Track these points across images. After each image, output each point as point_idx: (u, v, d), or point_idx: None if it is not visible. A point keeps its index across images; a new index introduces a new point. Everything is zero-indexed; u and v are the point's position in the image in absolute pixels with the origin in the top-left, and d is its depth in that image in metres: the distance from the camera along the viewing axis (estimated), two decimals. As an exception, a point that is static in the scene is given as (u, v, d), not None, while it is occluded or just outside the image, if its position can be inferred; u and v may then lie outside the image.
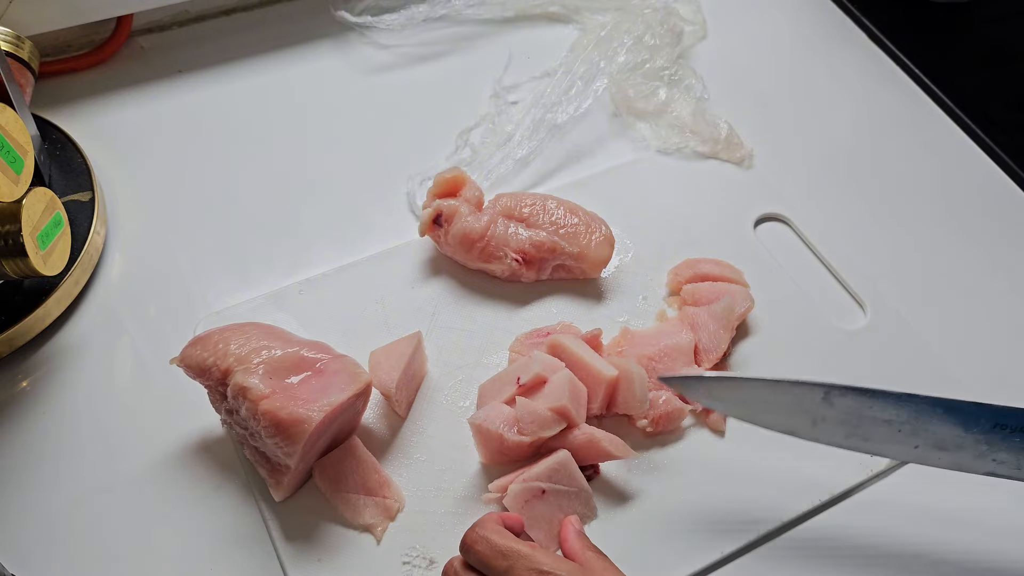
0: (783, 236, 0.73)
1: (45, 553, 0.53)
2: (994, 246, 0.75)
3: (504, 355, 0.62)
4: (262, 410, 0.50)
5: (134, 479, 0.56)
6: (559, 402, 0.54)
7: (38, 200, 0.56)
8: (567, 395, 0.54)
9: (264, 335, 0.54)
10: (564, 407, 0.54)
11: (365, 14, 0.82)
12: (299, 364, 0.53)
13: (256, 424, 0.51)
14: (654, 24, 0.81)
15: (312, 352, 0.54)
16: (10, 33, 0.66)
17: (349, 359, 0.55)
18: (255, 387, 0.50)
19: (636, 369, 0.57)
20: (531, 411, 0.54)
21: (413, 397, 0.60)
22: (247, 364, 0.52)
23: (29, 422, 0.57)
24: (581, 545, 0.50)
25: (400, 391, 0.57)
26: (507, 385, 0.57)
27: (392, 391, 0.55)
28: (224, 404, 0.53)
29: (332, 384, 0.52)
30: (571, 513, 0.54)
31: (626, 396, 0.57)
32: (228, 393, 0.52)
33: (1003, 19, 0.95)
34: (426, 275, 0.66)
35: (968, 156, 0.81)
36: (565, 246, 0.64)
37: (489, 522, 0.48)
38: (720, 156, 0.77)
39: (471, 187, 0.66)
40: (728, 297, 0.63)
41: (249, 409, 0.50)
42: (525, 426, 0.54)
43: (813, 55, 0.89)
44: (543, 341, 0.60)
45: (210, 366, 0.52)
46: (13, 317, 0.58)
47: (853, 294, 0.69)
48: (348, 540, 0.53)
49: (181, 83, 0.78)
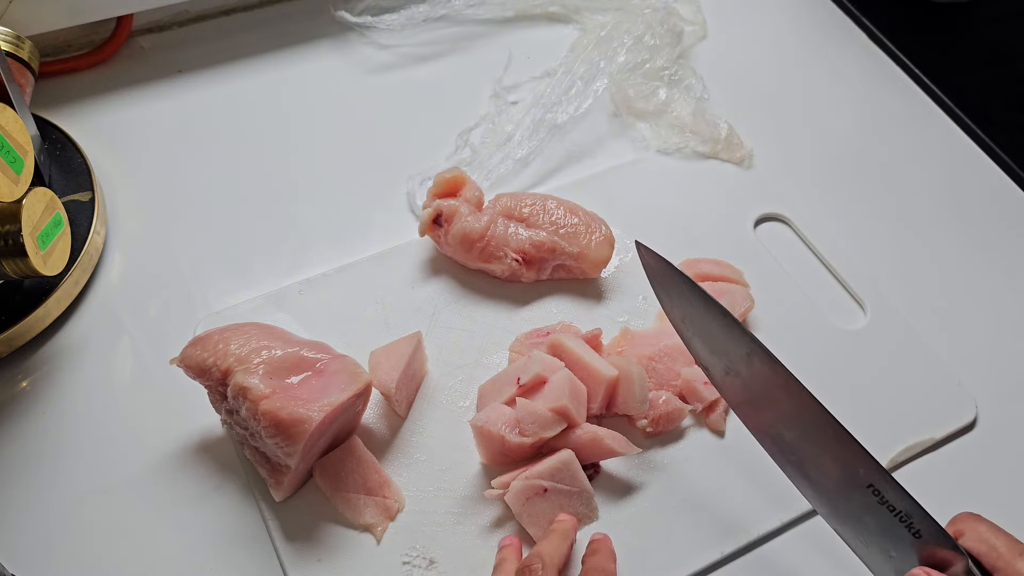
0: (783, 236, 0.73)
1: (45, 553, 0.53)
2: (994, 246, 0.75)
3: (504, 355, 0.62)
4: (262, 410, 0.50)
5: (134, 479, 0.56)
6: (559, 402, 0.54)
7: (38, 200, 0.56)
8: (567, 395, 0.54)
9: (264, 335, 0.54)
10: (564, 407, 0.54)
11: (365, 14, 0.82)
12: (299, 364, 0.53)
13: (256, 424, 0.51)
14: (654, 24, 0.81)
15: (312, 352, 0.54)
16: (10, 33, 0.66)
17: (349, 359, 0.55)
18: (255, 387, 0.50)
19: (636, 369, 0.57)
20: (532, 412, 0.54)
21: (413, 397, 0.60)
22: (247, 364, 0.52)
23: (29, 422, 0.57)
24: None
25: (400, 391, 0.57)
26: (507, 385, 0.57)
27: (392, 391, 0.55)
28: (224, 404, 0.53)
29: (332, 384, 0.52)
30: (572, 512, 0.54)
31: (626, 396, 0.57)
32: (228, 393, 0.52)
33: (1003, 19, 0.95)
34: (426, 275, 0.66)
35: (968, 156, 0.81)
36: (565, 246, 0.64)
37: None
38: (720, 156, 0.76)
39: (471, 187, 0.66)
40: (728, 297, 0.63)
41: (249, 409, 0.50)
42: (526, 427, 0.54)
43: (813, 55, 0.89)
44: (543, 341, 0.60)
45: (210, 366, 0.52)
46: (13, 317, 0.58)
47: (853, 294, 0.69)
48: (348, 540, 0.53)
49: (181, 83, 0.78)
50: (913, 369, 0.65)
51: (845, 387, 0.63)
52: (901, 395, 0.63)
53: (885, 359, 0.65)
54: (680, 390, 0.60)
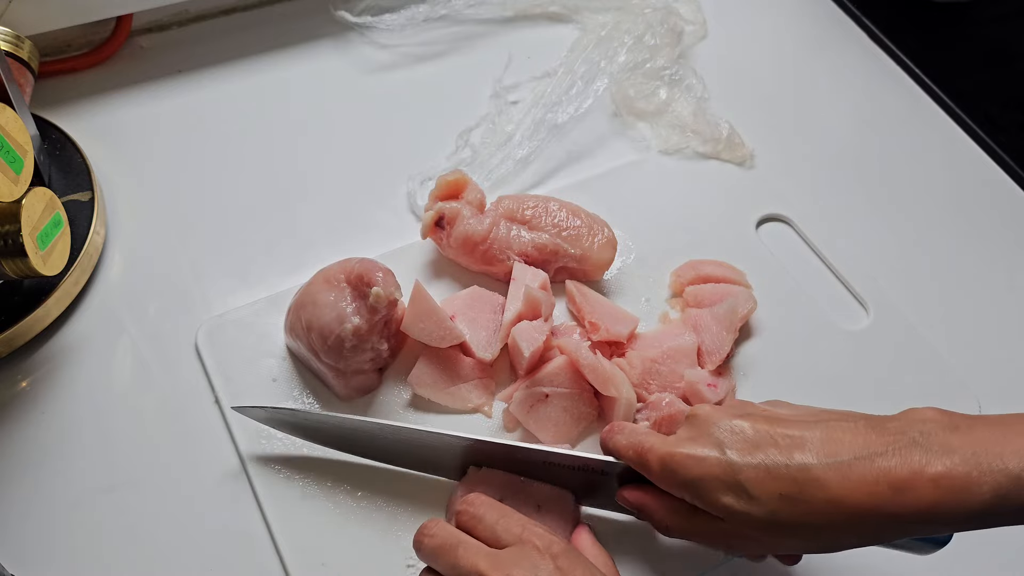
0: (785, 237, 0.73)
1: (45, 553, 0.52)
2: (995, 246, 0.75)
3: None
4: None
5: (134, 479, 0.56)
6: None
7: (38, 200, 0.56)
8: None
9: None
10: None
11: (365, 14, 0.81)
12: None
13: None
14: (654, 24, 0.80)
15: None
16: (10, 33, 0.66)
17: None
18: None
19: (626, 392, 0.58)
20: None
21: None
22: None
23: (29, 422, 0.57)
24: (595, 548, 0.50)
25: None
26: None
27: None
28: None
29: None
30: (577, 415, 0.57)
31: (608, 414, 0.58)
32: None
33: (1003, 19, 0.95)
34: (428, 278, 0.66)
35: (968, 156, 0.81)
36: (568, 248, 0.64)
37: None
38: (721, 156, 0.76)
39: (473, 189, 0.66)
40: (731, 298, 0.63)
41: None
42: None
43: (813, 55, 0.89)
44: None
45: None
46: (13, 317, 0.58)
47: (855, 294, 0.69)
48: (352, 544, 0.53)
49: (181, 83, 0.78)
50: (916, 368, 0.65)
51: (848, 387, 0.63)
52: (904, 394, 0.63)
53: (888, 358, 0.65)
54: (683, 392, 0.60)
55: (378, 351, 0.57)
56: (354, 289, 0.56)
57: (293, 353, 0.60)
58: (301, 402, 0.59)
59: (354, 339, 0.55)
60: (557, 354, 0.59)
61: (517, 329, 0.58)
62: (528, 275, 0.62)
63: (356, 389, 0.58)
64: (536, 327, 0.59)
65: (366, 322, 0.55)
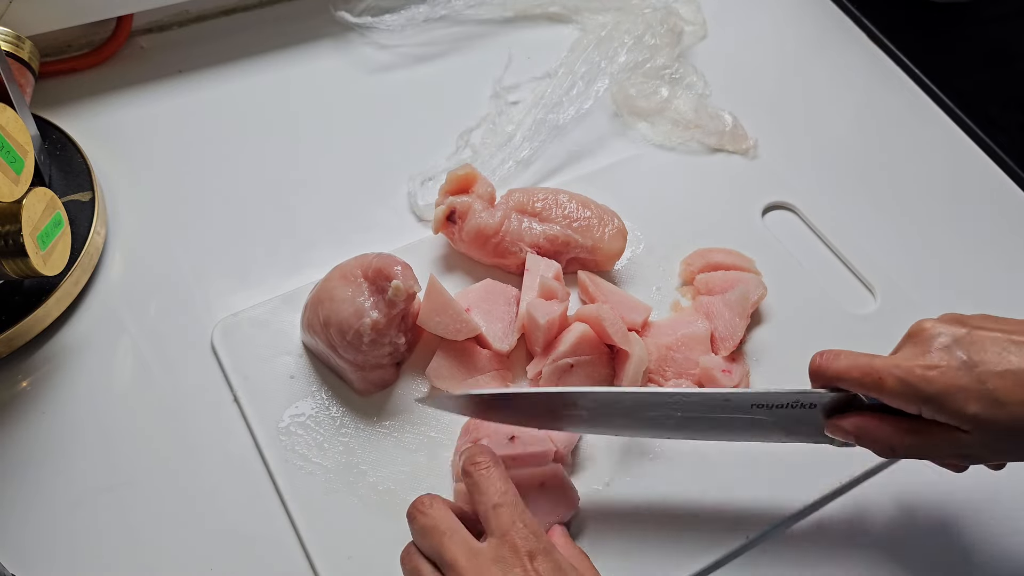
0: (791, 224, 0.73)
1: (45, 553, 0.52)
2: (995, 246, 0.75)
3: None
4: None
5: (134, 479, 0.56)
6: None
7: (38, 200, 0.56)
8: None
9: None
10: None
11: (365, 14, 0.81)
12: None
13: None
14: (654, 24, 0.81)
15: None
16: (10, 33, 0.66)
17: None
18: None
19: (638, 351, 0.58)
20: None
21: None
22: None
23: (29, 422, 0.57)
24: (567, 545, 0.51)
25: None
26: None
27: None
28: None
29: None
30: (598, 379, 0.59)
31: (621, 374, 0.59)
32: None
33: (1003, 19, 0.95)
34: (440, 272, 0.66)
35: (968, 156, 0.81)
36: (579, 239, 0.64)
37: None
38: (726, 147, 0.77)
39: (483, 183, 0.66)
40: (742, 285, 0.64)
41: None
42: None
43: (813, 55, 0.89)
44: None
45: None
46: (13, 317, 0.58)
47: (862, 279, 0.69)
48: (377, 536, 0.53)
49: (181, 83, 0.78)
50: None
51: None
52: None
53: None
54: (699, 378, 0.61)
55: (396, 345, 0.57)
56: (371, 284, 0.56)
57: (310, 350, 0.61)
58: (320, 398, 0.59)
59: (373, 333, 0.55)
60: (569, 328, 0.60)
61: (532, 303, 0.59)
62: (542, 266, 0.63)
63: (374, 383, 0.59)
64: (550, 303, 0.60)
65: (384, 316, 0.55)
